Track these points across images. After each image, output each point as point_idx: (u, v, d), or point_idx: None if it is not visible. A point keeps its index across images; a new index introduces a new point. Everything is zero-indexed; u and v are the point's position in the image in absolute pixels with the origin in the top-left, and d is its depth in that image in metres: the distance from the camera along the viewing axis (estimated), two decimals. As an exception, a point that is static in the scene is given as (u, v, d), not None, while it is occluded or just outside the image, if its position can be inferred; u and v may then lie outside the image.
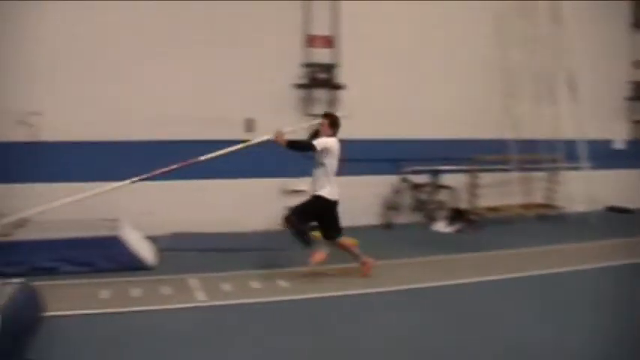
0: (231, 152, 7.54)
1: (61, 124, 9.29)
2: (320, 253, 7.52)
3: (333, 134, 7.49)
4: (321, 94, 10.95)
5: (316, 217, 7.51)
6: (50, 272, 7.40)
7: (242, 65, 10.26)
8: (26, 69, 9.20)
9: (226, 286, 7.13)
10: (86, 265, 7.66)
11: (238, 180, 10.22)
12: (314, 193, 7.41)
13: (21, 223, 8.48)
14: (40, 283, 5.90)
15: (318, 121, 7.76)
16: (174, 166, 7.41)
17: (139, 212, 9.30)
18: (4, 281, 5.29)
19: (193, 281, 7.28)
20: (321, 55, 10.93)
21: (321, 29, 10.91)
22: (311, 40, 10.88)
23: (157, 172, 7.39)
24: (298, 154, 7.61)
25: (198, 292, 6.91)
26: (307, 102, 10.84)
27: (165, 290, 6.94)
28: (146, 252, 8.22)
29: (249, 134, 9.32)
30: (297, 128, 7.93)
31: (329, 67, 10.92)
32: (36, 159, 9.21)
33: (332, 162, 7.34)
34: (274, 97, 10.49)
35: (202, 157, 7.45)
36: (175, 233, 9.68)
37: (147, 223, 9.18)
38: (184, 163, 7.43)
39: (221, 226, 9.99)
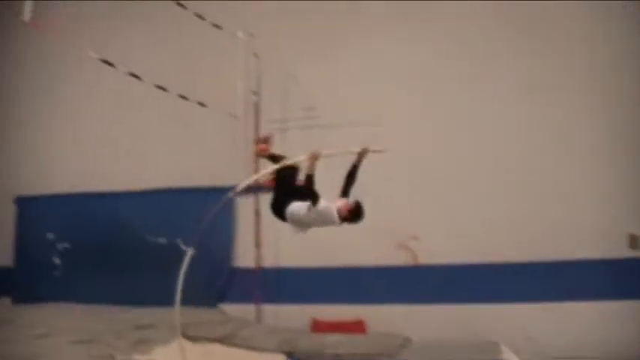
0: None
1: (437, 247, 9.56)
2: None
3: (347, 221, 5.96)
4: None
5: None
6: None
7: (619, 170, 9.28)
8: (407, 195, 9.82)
9: None
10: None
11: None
12: None
13: (404, 344, 8.89)
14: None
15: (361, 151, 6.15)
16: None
17: (519, 335, 8.89)
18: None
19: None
20: None
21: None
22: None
23: None
24: None
25: None
26: None
27: None
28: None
29: (633, 252, 8.42)
30: (339, 153, 6.24)
31: None
32: (414, 282, 9.59)
33: (314, 217, 5.95)
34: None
35: None
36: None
37: (526, 347, 8.68)
38: None
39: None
